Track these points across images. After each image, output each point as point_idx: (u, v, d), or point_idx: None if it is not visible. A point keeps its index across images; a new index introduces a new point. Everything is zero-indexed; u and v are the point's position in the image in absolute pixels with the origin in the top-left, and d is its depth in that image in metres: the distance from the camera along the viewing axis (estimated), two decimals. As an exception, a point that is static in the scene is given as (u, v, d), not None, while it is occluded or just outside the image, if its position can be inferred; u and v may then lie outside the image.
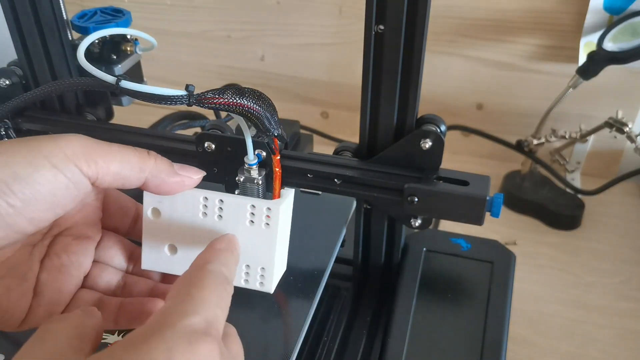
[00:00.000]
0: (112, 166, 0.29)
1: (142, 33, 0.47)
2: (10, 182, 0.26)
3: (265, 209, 0.33)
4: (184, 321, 0.25)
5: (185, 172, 0.32)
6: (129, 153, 0.30)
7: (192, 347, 0.24)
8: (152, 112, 0.70)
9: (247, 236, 0.33)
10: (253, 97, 0.39)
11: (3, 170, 0.26)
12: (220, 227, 0.33)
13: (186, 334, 0.24)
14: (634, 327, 0.60)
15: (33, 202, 0.27)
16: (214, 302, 0.27)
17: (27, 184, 0.27)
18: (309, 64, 0.84)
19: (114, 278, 0.34)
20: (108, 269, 0.34)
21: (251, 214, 0.33)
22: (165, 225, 0.33)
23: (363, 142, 0.45)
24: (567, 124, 0.74)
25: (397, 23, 0.39)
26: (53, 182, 0.28)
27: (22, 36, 0.50)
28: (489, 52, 0.76)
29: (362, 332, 0.48)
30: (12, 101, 0.46)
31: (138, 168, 0.30)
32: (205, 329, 0.25)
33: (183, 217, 0.33)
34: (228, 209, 0.33)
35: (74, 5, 0.87)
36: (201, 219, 0.33)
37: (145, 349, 0.23)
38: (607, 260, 0.68)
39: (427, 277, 0.50)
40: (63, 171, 0.28)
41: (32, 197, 0.27)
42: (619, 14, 0.67)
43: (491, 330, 0.46)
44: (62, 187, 0.28)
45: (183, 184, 0.32)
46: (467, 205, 0.42)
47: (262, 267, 0.34)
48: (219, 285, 0.28)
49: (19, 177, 0.27)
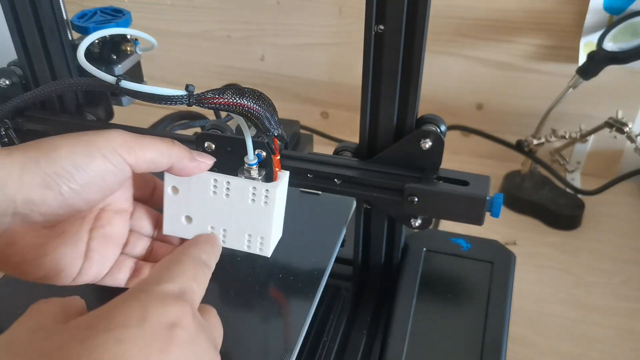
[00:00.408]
0: (148, 155, 0.35)
1: (142, 33, 0.47)
2: (72, 171, 0.32)
3: (264, 190, 0.39)
4: (159, 286, 0.28)
5: (201, 158, 0.39)
6: (159, 143, 0.36)
7: (165, 306, 0.27)
8: (152, 112, 0.70)
9: (248, 211, 0.39)
10: (253, 97, 0.39)
11: (66, 162, 0.32)
12: (227, 203, 0.40)
13: (160, 296, 0.28)
14: (634, 327, 0.60)
15: (89, 186, 0.33)
16: (190, 275, 0.30)
17: (85, 171, 0.33)
18: (309, 64, 0.84)
19: (145, 244, 0.41)
20: (141, 237, 0.41)
21: (252, 194, 0.39)
22: (182, 200, 0.40)
23: (363, 142, 0.45)
24: (567, 124, 0.74)
25: (397, 23, 0.39)
26: (104, 169, 0.34)
27: (22, 36, 0.50)
28: (489, 52, 0.76)
29: (362, 332, 0.48)
30: (12, 101, 0.46)
31: (167, 155, 0.36)
32: (179, 295, 0.29)
33: (197, 194, 0.40)
34: (234, 189, 0.39)
35: (74, 5, 0.87)
36: (211, 196, 0.40)
37: (122, 307, 0.26)
38: (607, 260, 0.68)
39: (427, 277, 0.50)
40: (111, 161, 0.34)
41: (88, 182, 0.33)
42: (619, 14, 0.67)
43: (491, 330, 0.46)
44: (110, 174, 0.34)
45: (199, 168, 0.39)
46: (467, 205, 0.42)
47: (261, 236, 0.40)
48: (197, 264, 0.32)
49: (79, 167, 0.33)
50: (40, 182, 0.32)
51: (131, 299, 0.27)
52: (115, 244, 0.39)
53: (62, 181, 0.32)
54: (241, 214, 0.40)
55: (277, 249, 0.49)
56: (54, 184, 0.32)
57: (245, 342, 0.42)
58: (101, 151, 0.33)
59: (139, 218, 0.41)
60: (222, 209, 0.40)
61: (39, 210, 0.33)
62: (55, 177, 0.32)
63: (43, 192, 0.32)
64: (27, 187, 0.32)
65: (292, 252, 0.48)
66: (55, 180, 0.32)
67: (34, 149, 0.33)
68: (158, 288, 0.28)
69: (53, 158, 0.32)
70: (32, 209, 0.32)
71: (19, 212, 0.32)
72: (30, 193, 0.32)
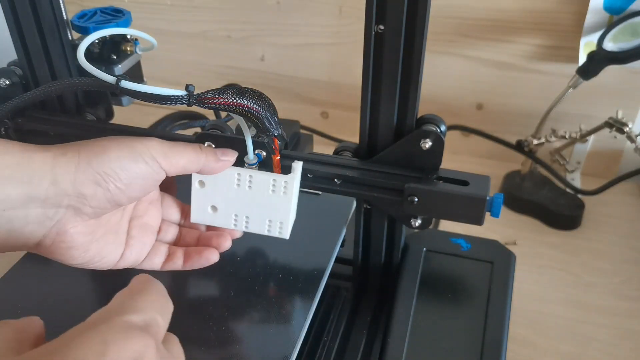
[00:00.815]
0: (180, 163, 0.40)
1: (142, 33, 0.47)
2: (119, 172, 0.37)
3: (283, 182, 0.43)
4: (122, 317, 0.27)
5: (225, 156, 0.43)
6: (190, 151, 0.41)
7: (127, 339, 0.26)
8: (152, 112, 0.70)
9: (269, 200, 0.44)
10: (253, 97, 0.39)
11: (114, 163, 0.37)
12: (249, 194, 0.44)
13: (123, 327, 0.26)
14: (634, 327, 0.60)
15: (131, 185, 0.38)
16: (155, 307, 0.29)
17: (129, 173, 0.38)
18: (309, 64, 0.84)
19: (175, 231, 0.46)
20: (171, 225, 0.46)
21: (272, 185, 0.43)
22: (208, 192, 0.44)
23: (363, 142, 0.45)
24: (567, 124, 0.74)
25: (397, 23, 0.39)
26: (144, 172, 0.38)
27: (22, 36, 0.50)
28: (489, 52, 0.76)
29: (362, 332, 0.48)
30: (12, 101, 0.46)
31: (196, 162, 0.41)
32: (143, 327, 0.28)
33: (222, 187, 0.44)
34: (256, 182, 0.43)
35: (74, 5, 0.87)
36: (235, 188, 0.44)
37: (80, 340, 0.25)
38: (607, 260, 0.68)
39: (427, 277, 0.50)
40: (150, 165, 0.38)
41: (131, 182, 0.38)
42: (619, 14, 0.67)
43: (491, 330, 0.46)
44: (148, 176, 0.39)
45: (225, 166, 0.43)
46: (467, 205, 0.42)
47: (280, 221, 0.44)
48: (162, 296, 0.31)
49: (124, 168, 0.37)
50: (92, 180, 0.36)
51: (90, 331, 0.26)
52: (151, 231, 0.44)
53: (110, 180, 0.37)
54: (262, 202, 0.44)
55: (277, 249, 0.49)
56: (103, 182, 0.37)
57: (245, 342, 0.42)
58: (143, 157, 0.38)
59: (168, 207, 0.46)
60: (245, 199, 0.44)
61: (89, 204, 0.37)
62: (104, 176, 0.37)
63: (94, 189, 0.37)
64: (80, 184, 0.36)
65: (292, 252, 0.48)
66: (105, 179, 0.37)
67: (87, 150, 0.37)
68: (121, 319, 0.27)
69: (103, 160, 0.37)
70: (84, 203, 0.37)
71: (72, 204, 0.37)
72: (82, 189, 0.36)
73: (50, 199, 0.36)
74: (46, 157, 0.36)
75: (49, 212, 0.36)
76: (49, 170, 0.36)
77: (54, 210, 0.36)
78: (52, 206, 0.36)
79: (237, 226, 0.45)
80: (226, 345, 0.41)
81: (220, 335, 0.42)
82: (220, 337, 0.42)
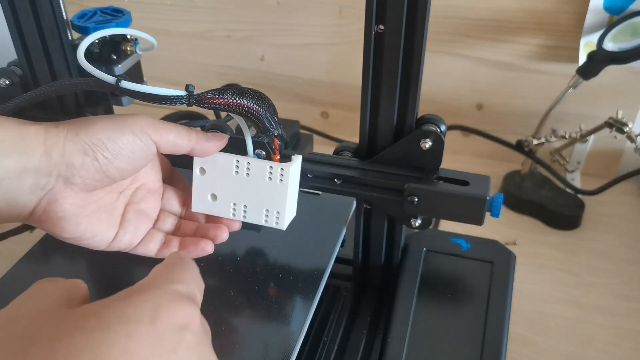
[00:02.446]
0: (170, 136, 0.40)
1: (142, 33, 0.47)
2: (105, 142, 0.38)
3: (279, 169, 0.43)
4: (171, 285, 0.29)
5: (216, 137, 0.43)
6: (180, 128, 0.41)
7: (177, 306, 0.28)
8: (152, 112, 0.69)
9: (266, 188, 0.44)
10: (253, 97, 0.39)
11: (101, 134, 0.38)
12: (247, 182, 0.44)
13: (173, 295, 0.28)
14: (634, 327, 0.60)
15: (119, 156, 0.39)
16: (196, 282, 0.32)
17: (116, 143, 0.38)
18: (309, 64, 0.84)
19: (173, 221, 0.46)
20: (170, 216, 0.46)
21: (269, 173, 0.43)
22: (208, 179, 0.45)
23: (363, 142, 0.45)
24: (567, 124, 0.74)
25: (397, 23, 0.39)
26: (132, 143, 0.39)
27: (22, 36, 0.50)
28: (489, 52, 0.76)
29: (362, 332, 0.48)
30: (12, 101, 0.46)
31: (187, 138, 0.41)
32: (189, 296, 0.30)
33: (221, 174, 0.44)
34: (253, 169, 0.43)
35: (74, 5, 0.87)
36: (234, 176, 0.44)
37: (134, 301, 0.27)
38: (607, 260, 0.68)
39: (427, 277, 0.50)
40: (139, 137, 0.39)
41: (118, 152, 0.39)
42: (619, 14, 0.67)
43: (491, 330, 0.46)
44: (138, 148, 0.39)
45: (216, 146, 0.43)
46: (467, 205, 0.42)
47: (277, 210, 0.44)
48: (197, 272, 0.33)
49: (111, 139, 0.38)
50: (80, 149, 0.38)
51: (143, 294, 0.28)
52: (147, 218, 0.44)
53: (97, 149, 0.38)
54: (260, 191, 0.44)
55: (277, 249, 0.49)
56: (90, 151, 0.38)
57: (246, 342, 0.42)
58: (131, 128, 0.39)
59: (169, 198, 0.47)
60: (243, 187, 0.44)
61: (79, 173, 0.38)
62: (91, 146, 0.38)
63: (82, 158, 0.38)
64: (69, 153, 0.38)
65: (292, 252, 0.48)
66: (92, 148, 0.38)
67: (76, 123, 0.39)
68: (171, 287, 0.29)
69: (90, 130, 0.38)
70: (73, 172, 0.38)
71: (62, 174, 0.38)
72: (71, 158, 0.38)
73: (42, 169, 0.37)
74: (39, 130, 0.38)
75: (41, 181, 0.38)
76: (42, 142, 0.37)
77: (45, 180, 0.38)
78: (44, 176, 0.38)
79: (236, 216, 0.45)
80: (226, 345, 0.41)
81: (220, 335, 0.42)
82: (220, 337, 0.42)
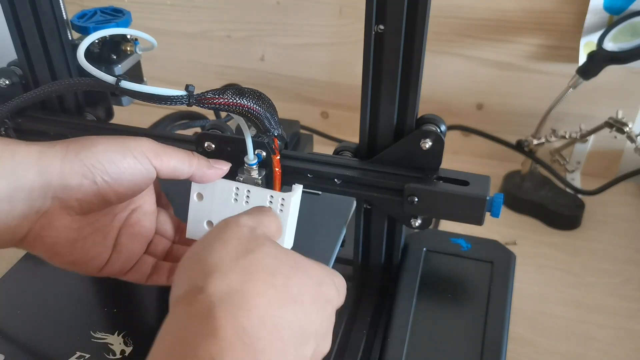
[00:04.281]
0: (172, 162, 0.40)
1: (142, 33, 0.47)
2: (107, 165, 0.37)
3: (280, 199, 0.42)
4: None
5: (218, 165, 0.42)
6: (181, 153, 0.40)
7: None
8: (152, 112, 0.70)
9: None
10: (253, 97, 0.39)
11: (102, 156, 0.37)
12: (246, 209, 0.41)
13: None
14: (634, 327, 0.60)
15: (119, 181, 0.38)
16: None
17: (117, 167, 0.37)
18: (309, 64, 0.84)
19: (166, 246, 0.45)
20: (162, 239, 0.45)
21: (270, 202, 0.42)
22: (205, 206, 0.44)
23: (363, 142, 0.45)
24: (567, 124, 0.74)
25: (397, 23, 0.39)
26: (133, 168, 0.38)
27: (22, 36, 0.50)
28: (489, 52, 0.76)
29: (362, 332, 0.48)
30: (12, 101, 0.46)
31: (187, 164, 0.40)
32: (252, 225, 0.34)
33: (219, 201, 0.43)
34: (253, 197, 0.43)
35: (74, 5, 0.87)
36: (233, 203, 0.43)
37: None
38: (607, 260, 0.68)
39: (427, 277, 0.50)
40: (140, 161, 0.38)
41: (119, 176, 0.37)
42: (619, 14, 0.67)
43: (491, 330, 0.46)
44: (138, 173, 0.38)
45: (217, 174, 0.42)
46: (467, 205, 0.42)
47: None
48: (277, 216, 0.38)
49: (112, 161, 0.37)
50: (78, 171, 0.36)
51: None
52: (141, 242, 0.43)
53: (97, 172, 0.37)
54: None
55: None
56: (89, 174, 0.37)
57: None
58: (132, 152, 0.38)
59: (163, 222, 0.45)
60: None
61: (75, 196, 0.37)
62: (91, 168, 0.37)
63: (80, 180, 0.36)
64: (66, 174, 0.36)
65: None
66: (91, 171, 0.37)
67: (75, 143, 0.37)
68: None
69: (91, 152, 0.37)
70: (70, 195, 0.37)
71: (58, 196, 0.36)
72: (68, 180, 0.36)
73: (36, 190, 0.36)
74: (31, 151, 0.36)
75: (35, 203, 0.36)
76: (35, 162, 0.36)
77: (40, 202, 0.36)
78: (38, 197, 0.36)
79: None
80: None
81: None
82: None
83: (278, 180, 0.44)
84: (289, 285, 0.31)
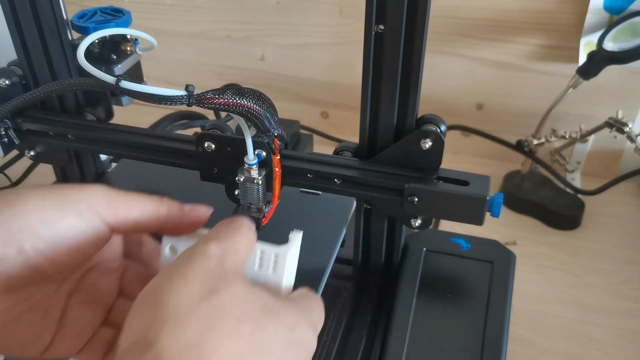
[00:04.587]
0: (132, 215, 0.32)
1: (142, 33, 0.47)
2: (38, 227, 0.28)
3: (272, 256, 0.34)
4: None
5: (194, 213, 0.34)
6: (146, 201, 0.33)
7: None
8: (152, 112, 0.70)
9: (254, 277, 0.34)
10: (253, 97, 0.39)
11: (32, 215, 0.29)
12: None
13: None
14: (634, 327, 0.60)
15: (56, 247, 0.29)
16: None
17: (52, 229, 0.29)
18: (309, 64, 0.84)
19: None
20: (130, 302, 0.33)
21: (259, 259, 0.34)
22: None
23: (363, 142, 0.45)
24: (567, 124, 0.74)
25: (397, 23, 0.39)
26: (76, 228, 0.30)
27: (22, 36, 0.50)
28: (489, 52, 0.76)
29: (362, 332, 0.48)
30: (12, 101, 0.46)
31: (154, 217, 0.33)
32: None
33: None
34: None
35: (74, 5, 0.87)
36: None
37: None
38: (607, 260, 0.68)
39: (427, 277, 0.50)
40: (86, 218, 0.30)
41: (55, 241, 0.29)
42: (619, 14, 0.67)
43: (491, 330, 0.46)
44: (84, 234, 0.30)
45: (194, 225, 0.34)
46: (467, 205, 0.42)
47: None
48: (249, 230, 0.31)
49: (45, 223, 0.29)
50: (0, 237, 0.28)
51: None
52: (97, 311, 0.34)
53: (25, 238, 0.28)
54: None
55: (277, 249, 0.49)
56: (14, 240, 0.28)
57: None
58: (74, 207, 0.30)
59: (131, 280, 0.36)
60: None
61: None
62: (17, 233, 0.28)
63: (2, 249, 0.28)
64: None
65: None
66: (17, 236, 0.28)
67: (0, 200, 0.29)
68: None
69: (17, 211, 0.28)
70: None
71: None
72: None
73: None
74: None
75: None
76: None
77: None
78: None
79: None
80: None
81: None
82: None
83: (278, 180, 0.44)
84: (257, 332, 0.26)
